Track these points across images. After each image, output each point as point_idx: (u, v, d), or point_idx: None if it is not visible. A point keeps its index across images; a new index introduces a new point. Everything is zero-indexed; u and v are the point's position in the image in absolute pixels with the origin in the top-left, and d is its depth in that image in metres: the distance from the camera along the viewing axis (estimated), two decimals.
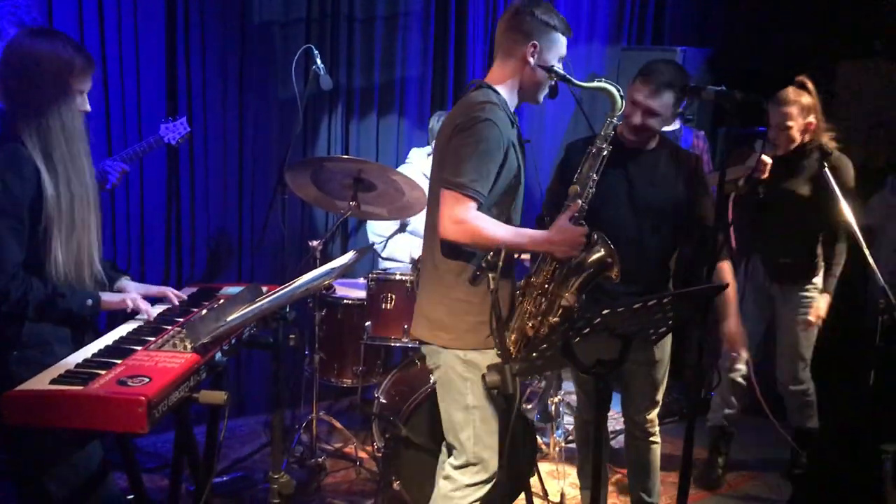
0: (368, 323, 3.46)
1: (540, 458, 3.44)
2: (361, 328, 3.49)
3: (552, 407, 3.71)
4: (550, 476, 3.50)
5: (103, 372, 1.85)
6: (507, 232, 2.25)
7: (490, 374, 2.02)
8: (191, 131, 3.37)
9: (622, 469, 3.50)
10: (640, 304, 1.92)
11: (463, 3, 4.57)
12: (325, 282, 2.10)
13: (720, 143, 4.74)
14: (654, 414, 2.95)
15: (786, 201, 3.35)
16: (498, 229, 2.23)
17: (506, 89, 2.34)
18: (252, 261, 4.12)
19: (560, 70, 2.30)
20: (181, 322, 2.23)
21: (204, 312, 2.15)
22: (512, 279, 2.44)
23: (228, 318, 2.07)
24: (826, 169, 3.06)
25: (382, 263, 4.05)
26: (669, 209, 2.75)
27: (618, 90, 2.30)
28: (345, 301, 3.62)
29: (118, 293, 2.29)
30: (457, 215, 2.18)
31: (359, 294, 3.63)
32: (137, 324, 2.24)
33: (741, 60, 4.91)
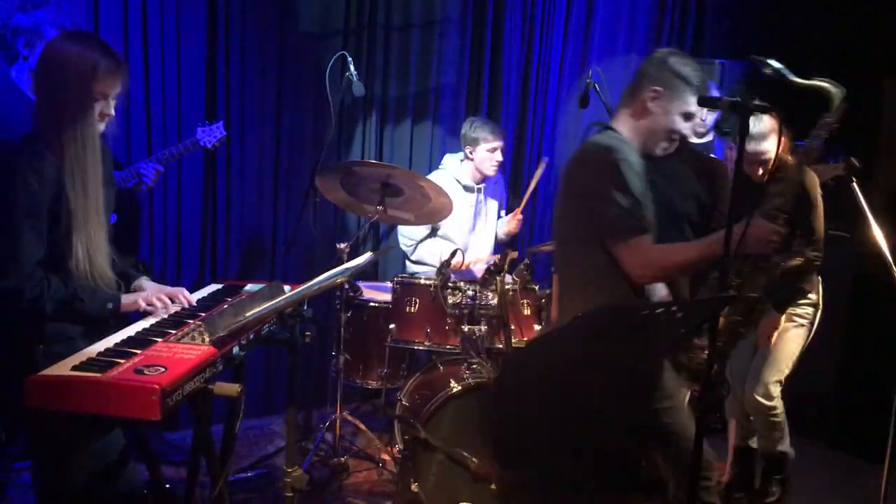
0: (393, 326, 3.51)
1: None
2: (386, 331, 3.52)
3: None
4: None
5: (122, 361, 1.91)
6: (691, 249, 2.24)
7: None
8: (227, 135, 3.45)
9: None
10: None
11: (500, 10, 4.60)
12: (338, 280, 2.15)
13: None
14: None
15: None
16: (675, 255, 2.24)
17: None
18: (284, 262, 4.20)
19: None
20: (203, 316, 2.29)
21: (224, 307, 2.21)
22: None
23: (247, 314, 2.13)
24: (854, 183, 2.99)
25: (411, 267, 4.09)
26: (693, 213, 2.75)
27: (840, 90, 2.26)
28: (371, 304, 3.66)
29: (134, 293, 2.34)
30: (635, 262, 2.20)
31: (385, 297, 3.67)
32: (161, 317, 2.31)
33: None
